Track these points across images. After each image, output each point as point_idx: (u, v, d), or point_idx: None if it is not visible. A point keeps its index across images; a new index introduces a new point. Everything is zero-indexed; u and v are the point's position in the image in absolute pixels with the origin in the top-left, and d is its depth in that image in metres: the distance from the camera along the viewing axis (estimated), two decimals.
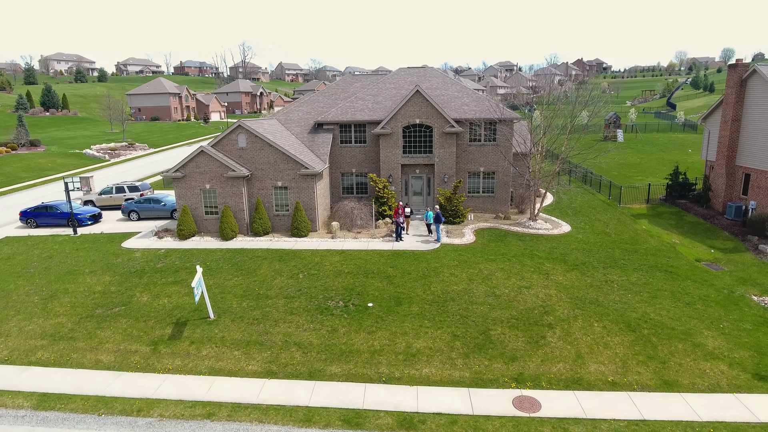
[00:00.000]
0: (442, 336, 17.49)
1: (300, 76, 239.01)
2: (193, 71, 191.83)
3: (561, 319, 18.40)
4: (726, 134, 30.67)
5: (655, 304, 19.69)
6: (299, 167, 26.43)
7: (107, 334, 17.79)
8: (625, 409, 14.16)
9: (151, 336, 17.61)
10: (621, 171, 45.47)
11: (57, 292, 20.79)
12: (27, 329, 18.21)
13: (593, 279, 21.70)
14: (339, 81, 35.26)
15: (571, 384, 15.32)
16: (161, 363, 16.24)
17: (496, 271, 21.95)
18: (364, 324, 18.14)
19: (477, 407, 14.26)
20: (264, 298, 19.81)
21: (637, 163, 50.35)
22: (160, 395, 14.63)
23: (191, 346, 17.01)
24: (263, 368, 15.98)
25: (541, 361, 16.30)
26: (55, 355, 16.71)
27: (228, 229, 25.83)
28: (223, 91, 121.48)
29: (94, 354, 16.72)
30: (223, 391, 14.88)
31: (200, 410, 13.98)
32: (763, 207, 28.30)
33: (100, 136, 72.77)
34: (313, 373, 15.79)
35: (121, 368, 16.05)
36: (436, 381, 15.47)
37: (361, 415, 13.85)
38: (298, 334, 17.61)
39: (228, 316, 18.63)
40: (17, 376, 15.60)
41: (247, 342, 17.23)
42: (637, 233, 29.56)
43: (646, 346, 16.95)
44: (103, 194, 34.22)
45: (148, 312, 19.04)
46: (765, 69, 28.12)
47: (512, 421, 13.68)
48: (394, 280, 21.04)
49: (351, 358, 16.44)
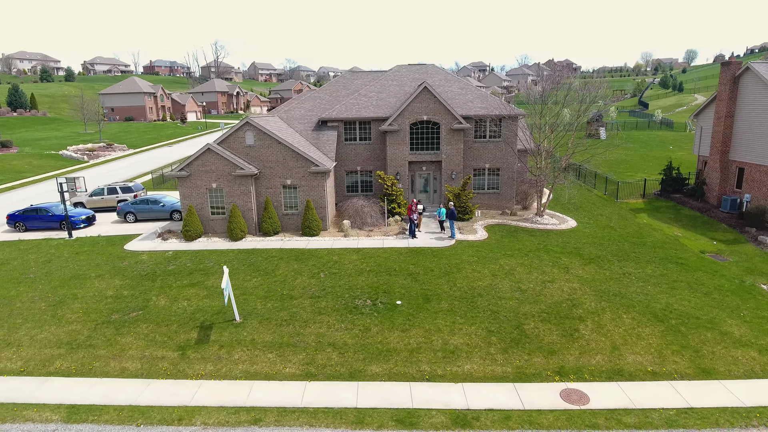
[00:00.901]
0: (477, 332, 17.34)
1: (274, 76, 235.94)
2: (164, 71, 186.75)
3: (590, 311, 18.52)
4: (720, 129, 31.68)
5: (675, 295, 20.05)
6: (309, 165, 25.86)
7: (128, 340, 16.89)
8: (670, 398, 14.30)
9: (176, 341, 16.81)
10: (609, 167, 46.44)
11: (65, 297, 19.64)
12: (39, 338, 17.10)
13: (611, 272, 21.96)
14: (339, 78, 34.77)
15: (613, 375, 15.39)
16: (192, 369, 15.50)
17: (516, 266, 21.95)
18: (396, 322, 17.81)
19: (526, 402, 14.14)
20: (288, 298, 19.23)
21: (624, 160, 51.60)
22: (198, 402, 13.94)
23: (221, 350, 16.32)
24: (301, 370, 15.46)
25: (579, 354, 16.33)
26: (75, 365, 15.73)
27: (237, 229, 25.03)
28: (199, 90, 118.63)
29: (117, 362, 15.83)
30: (264, 395, 14.30)
31: (245, 416, 13.38)
32: (758, 200, 29.34)
33: (74, 136, 69.79)
34: (354, 373, 15.37)
35: (149, 375, 15.24)
36: (480, 377, 15.29)
37: (413, 415, 13.53)
38: (330, 335, 17.14)
39: (254, 318, 17.98)
40: (38, 388, 14.60)
41: (279, 344, 16.64)
42: (640, 227, 30.19)
43: (677, 335, 17.21)
44: (94, 196, 32.70)
45: (169, 316, 18.19)
46: (758, 66, 29.17)
47: (565, 414, 13.62)
48: (418, 278, 20.78)
49: (390, 357, 16.09)
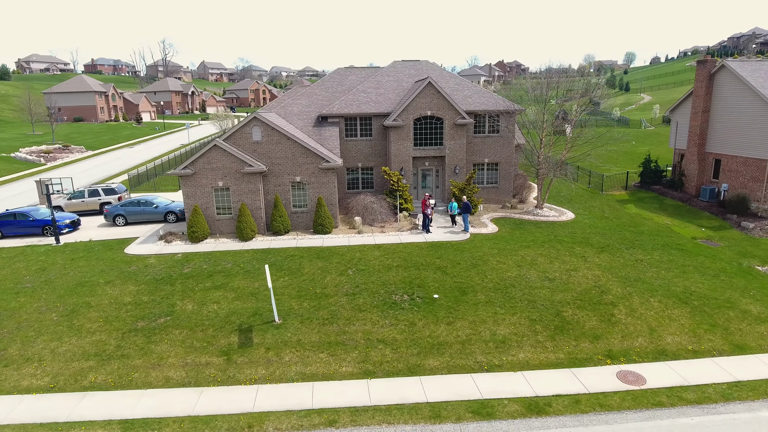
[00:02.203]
0: (520, 321, 17.51)
1: (225, 76, 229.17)
2: (107, 69, 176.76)
3: (619, 297, 19.15)
4: (697, 124, 33.76)
5: (688, 278, 21.12)
6: (319, 161, 25.21)
7: (163, 348, 15.75)
8: (716, 373, 15.03)
9: (217, 346, 15.86)
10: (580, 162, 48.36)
11: (77, 306, 18.06)
12: (61, 351, 15.62)
13: (625, 259, 22.83)
14: (333, 74, 34.16)
15: (659, 355, 15.99)
16: (243, 374, 14.68)
17: (537, 257, 22.37)
18: (439, 315, 17.67)
19: (588, 385, 14.42)
20: (323, 297, 18.63)
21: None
22: (261, 408, 13.21)
23: (269, 353, 15.55)
24: (358, 369, 15.01)
25: (621, 338, 16.85)
26: (112, 377, 14.48)
27: (247, 228, 23.99)
28: (151, 90, 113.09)
29: (158, 371, 14.73)
30: (328, 396, 13.77)
31: (317, 419, 12.81)
32: (735, 188, 31.51)
33: (22, 138, 64.51)
34: (413, 368, 15.10)
35: (198, 383, 14.28)
36: (536, 365, 15.45)
37: (486, 405, 13.46)
38: (377, 331, 16.76)
39: (294, 319, 17.28)
40: (78, 405, 13.32)
41: (327, 343, 16.08)
42: (632, 217, 31.67)
43: (704, 316, 18.13)
44: (74, 199, 30.35)
45: (201, 320, 17.14)
46: (733, 64, 31.33)
47: (629, 395, 14.00)
48: (447, 271, 20.73)
49: (443, 350, 15.94)
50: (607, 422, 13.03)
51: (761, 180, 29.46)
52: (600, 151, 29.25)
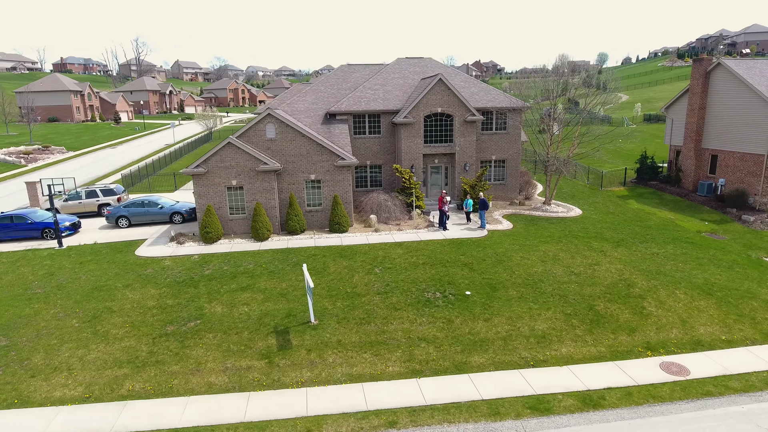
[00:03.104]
0: (556, 316, 17.51)
1: (200, 75, 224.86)
2: (78, 68, 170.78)
3: (645, 290, 19.38)
4: (693, 120, 34.63)
5: (706, 270, 21.56)
6: (335, 158, 24.76)
7: (199, 352, 15.11)
8: (754, 361, 15.33)
9: (255, 349, 15.30)
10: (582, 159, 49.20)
11: (99, 312, 17.18)
12: (90, 359, 14.79)
13: (642, 253, 23.15)
14: (336, 71, 33.67)
15: (696, 346, 16.22)
16: (288, 376, 14.19)
17: (558, 252, 22.48)
18: (474, 312, 17.52)
19: (635, 377, 14.49)
20: (355, 296, 18.24)
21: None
22: (315, 411, 12.77)
23: (311, 355, 15.09)
24: (405, 368, 14.71)
25: (656, 330, 17.03)
26: (149, 384, 13.78)
27: (263, 228, 23.36)
28: (127, 89, 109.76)
29: (199, 377, 14.10)
30: (380, 396, 13.43)
31: (376, 420, 12.47)
32: (732, 183, 32.44)
33: None
34: (459, 366, 14.90)
35: (243, 388, 13.73)
36: (580, 359, 15.46)
37: (541, 400, 13.36)
38: (417, 330, 16.49)
39: (330, 319, 16.84)
40: (120, 415, 12.60)
41: (368, 343, 15.72)
42: (636, 212, 32.24)
43: (730, 306, 18.50)
44: (70, 200, 29.03)
45: (234, 323, 16.53)
46: (729, 62, 32.25)
47: (678, 386, 14.12)
48: (474, 267, 20.61)
49: (486, 347, 15.79)
50: (662, 413, 13.09)
51: (758, 175, 30.40)
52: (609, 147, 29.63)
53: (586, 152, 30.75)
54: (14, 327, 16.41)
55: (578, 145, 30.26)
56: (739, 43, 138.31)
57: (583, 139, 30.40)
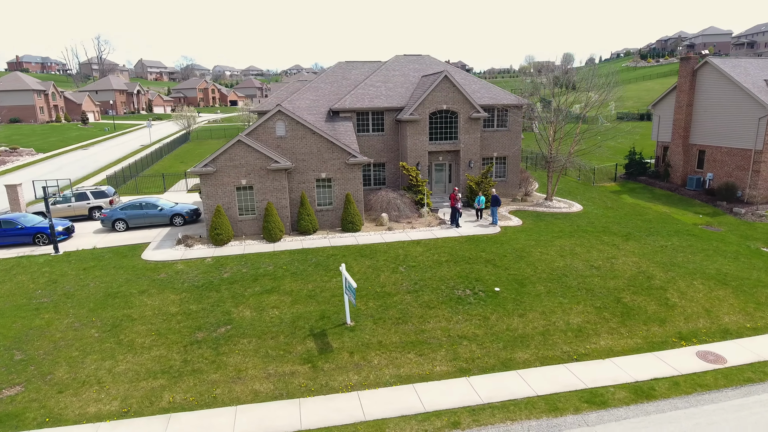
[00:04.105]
0: (587, 309, 17.62)
1: (165, 75, 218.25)
2: (35, 67, 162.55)
3: (665, 281, 19.77)
4: (681, 117, 35.78)
5: (715, 261, 22.21)
6: (346, 156, 24.24)
7: (237, 359, 14.37)
8: None
9: (295, 353, 14.69)
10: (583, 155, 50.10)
11: (118, 320, 16.14)
12: (120, 370, 13.83)
13: (651, 246, 23.66)
14: (334, 68, 33.06)
15: (725, 335, 16.60)
16: (335, 380, 13.67)
17: (574, 247, 22.70)
18: (507, 308, 17.42)
19: (677, 367, 14.68)
20: (386, 296, 17.84)
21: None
22: (373, 415, 12.33)
23: (354, 357, 14.61)
24: (452, 367, 14.43)
25: (684, 320, 17.36)
26: (191, 395, 12.99)
27: (276, 229, 22.61)
28: (93, 88, 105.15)
29: (242, 385, 13.39)
30: (434, 397, 13.10)
31: (438, 422, 12.13)
32: (720, 177, 33.68)
33: None
34: (505, 362, 14.74)
35: (291, 395, 13.12)
36: (619, 351, 15.56)
37: (595, 394, 13.34)
38: (455, 328, 16.24)
39: (365, 320, 16.38)
40: (166, 429, 11.77)
41: (410, 343, 15.36)
42: (633, 206, 33.02)
43: (747, 295, 19.08)
44: (58, 203, 27.35)
45: (267, 327, 15.83)
46: (716, 61, 33.46)
47: (719, 374, 14.38)
48: (497, 264, 20.54)
49: (527, 343, 15.69)
50: (712, 401, 13.29)
51: (746, 168, 31.65)
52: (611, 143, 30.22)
53: (588, 149, 31.24)
54: (27, 339, 15.22)
55: (579, 141, 30.71)
56: (697, 45, 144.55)
57: (583, 136, 30.90)
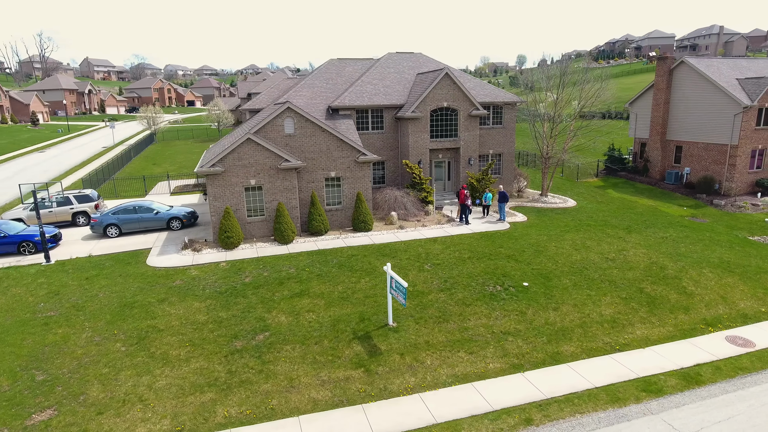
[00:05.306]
0: (614, 301, 17.99)
1: (114, 74, 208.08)
2: None
3: (677, 271, 20.51)
4: (659, 114, 37.45)
5: (714, 250, 23.29)
6: (355, 154, 23.70)
7: (285, 367, 13.63)
8: None
9: (344, 358, 14.11)
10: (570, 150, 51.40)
11: (144, 332, 14.94)
12: (161, 386, 12.77)
13: (653, 238, 24.54)
14: (328, 65, 32.31)
15: (746, 319, 17.38)
16: (393, 384, 13.22)
17: (585, 240, 23.19)
18: (540, 302, 17.52)
19: (712, 353, 15.20)
20: (420, 294, 17.51)
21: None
22: (444, 417, 11.99)
23: (406, 359, 14.20)
24: (505, 363, 14.31)
25: (705, 307, 18.05)
26: (246, 407, 12.16)
27: (288, 230, 21.77)
28: (40, 88, 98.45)
29: (298, 394, 12.69)
30: (497, 395, 12.93)
31: (510, 420, 11.94)
32: (697, 171, 35.49)
33: None
34: (554, 356, 14.77)
35: (352, 401, 12.56)
36: (656, 339, 15.95)
37: (649, 382, 13.58)
38: (496, 324, 16.14)
39: (406, 320, 15.99)
40: None
41: (457, 341, 15.12)
42: (621, 201, 34.22)
43: (754, 281, 20.08)
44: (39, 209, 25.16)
45: (307, 332, 15.13)
46: (692, 60, 35.21)
47: (754, 356, 15.01)
48: (518, 259, 20.64)
49: (569, 335, 15.81)
50: (756, 383, 13.82)
51: (723, 163, 33.50)
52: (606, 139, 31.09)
53: (583, 143, 32.08)
54: (45, 357, 13.83)
55: (573, 138, 31.49)
56: (643, 47, 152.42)
57: (578, 132, 31.71)
